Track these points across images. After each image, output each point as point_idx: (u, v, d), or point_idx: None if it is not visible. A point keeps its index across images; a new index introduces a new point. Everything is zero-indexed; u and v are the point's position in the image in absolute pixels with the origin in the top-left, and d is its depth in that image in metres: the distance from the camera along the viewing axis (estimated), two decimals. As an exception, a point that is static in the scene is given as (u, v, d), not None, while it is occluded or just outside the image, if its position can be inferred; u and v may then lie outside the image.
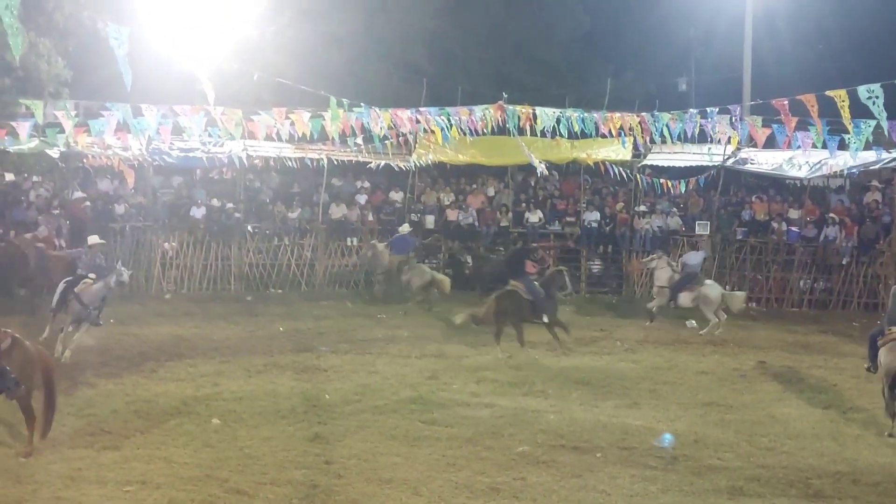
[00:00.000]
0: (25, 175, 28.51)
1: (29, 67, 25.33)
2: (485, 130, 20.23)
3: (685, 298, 20.86)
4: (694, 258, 22.15)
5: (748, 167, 26.15)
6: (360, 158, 26.64)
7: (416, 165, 27.40)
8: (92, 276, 16.36)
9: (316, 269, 26.83)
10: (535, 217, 27.76)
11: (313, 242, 26.94)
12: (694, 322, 21.37)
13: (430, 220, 28.04)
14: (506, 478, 10.42)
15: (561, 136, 20.07)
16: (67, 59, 27.11)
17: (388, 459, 10.97)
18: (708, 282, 21.35)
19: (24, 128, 19.64)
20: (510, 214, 28.02)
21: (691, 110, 18.33)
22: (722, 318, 20.57)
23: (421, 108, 19.58)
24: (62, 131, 20.23)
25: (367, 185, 29.62)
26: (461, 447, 11.49)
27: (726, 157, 25.38)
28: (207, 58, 15.93)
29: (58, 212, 25.53)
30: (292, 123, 19.52)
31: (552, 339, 18.12)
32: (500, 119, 19.38)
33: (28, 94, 22.14)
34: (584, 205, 28.20)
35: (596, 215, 27.62)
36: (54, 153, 24.83)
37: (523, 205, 28.68)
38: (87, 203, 26.35)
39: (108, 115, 18.72)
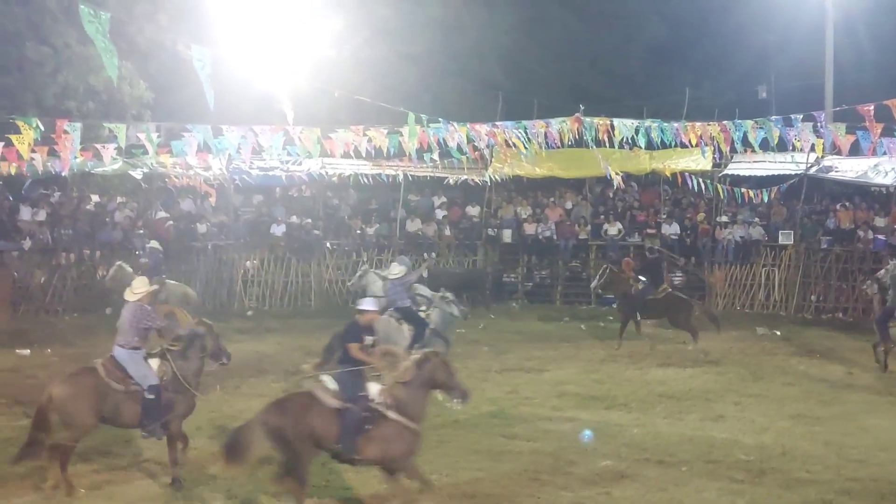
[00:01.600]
0: (109, 196, 29.18)
1: (112, 91, 26.02)
2: (561, 143, 20.11)
3: None
4: None
5: (832, 175, 25.57)
6: (437, 174, 26.74)
7: (492, 180, 27.38)
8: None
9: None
10: (613, 229, 27.53)
11: (391, 258, 27.05)
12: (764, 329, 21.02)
13: (507, 234, 27.99)
14: (590, 492, 10.34)
15: (639, 147, 19.87)
16: (149, 82, 27.79)
17: (470, 474, 10.96)
18: None
19: (108, 150, 20.10)
20: (588, 227, 27.82)
21: (774, 117, 17.99)
22: None
23: (497, 123, 19.56)
24: (145, 153, 20.67)
25: (443, 200, 29.69)
26: (544, 462, 11.43)
27: (809, 165, 24.87)
28: (286, 78, 16.14)
29: (142, 232, 26.04)
30: (370, 140, 19.67)
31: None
32: (577, 131, 19.25)
33: (111, 116, 22.69)
34: (664, 216, 27.88)
35: (676, 227, 27.28)
36: (137, 174, 25.38)
37: (602, 217, 28.46)
38: (171, 223, 26.87)
39: (189, 136, 19.08)
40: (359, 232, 27.95)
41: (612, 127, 19.01)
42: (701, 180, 25.51)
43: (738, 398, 15.03)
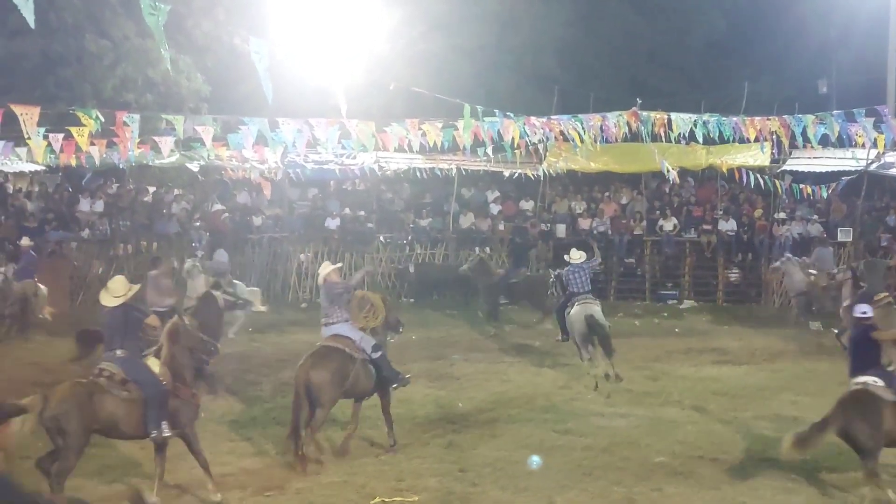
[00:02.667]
0: (167, 188, 29.55)
1: (170, 83, 26.33)
2: (618, 137, 19.95)
3: None
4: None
5: (894, 171, 25.13)
6: (491, 168, 26.69)
7: (546, 174, 27.25)
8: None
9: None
10: (669, 225, 27.28)
11: (444, 251, 27.09)
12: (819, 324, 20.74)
13: (560, 229, 27.86)
14: (643, 488, 10.27)
15: (696, 141, 19.65)
16: (206, 76, 28.07)
17: (522, 468, 10.94)
18: None
19: (166, 142, 20.29)
20: (644, 222, 27.60)
21: (835, 112, 17.67)
22: None
23: (553, 117, 19.45)
24: (202, 145, 20.86)
25: (497, 194, 29.64)
26: (596, 457, 11.37)
27: (870, 161, 24.43)
28: (341, 71, 16.19)
29: (198, 224, 26.35)
30: (424, 134, 19.64)
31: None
32: (633, 126, 19.08)
33: (169, 109, 22.91)
34: (721, 212, 27.56)
35: (733, 223, 26.96)
36: (194, 167, 25.65)
37: (657, 212, 28.23)
38: (227, 215, 27.16)
39: (245, 130, 19.19)
40: (412, 225, 28.01)
41: (670, 121, 18.82)
42: (759, 176, 25.18)
43: (794, 396, 14.78)
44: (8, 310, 19.65)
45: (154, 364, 10.00)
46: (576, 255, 16.10)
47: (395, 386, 11.72)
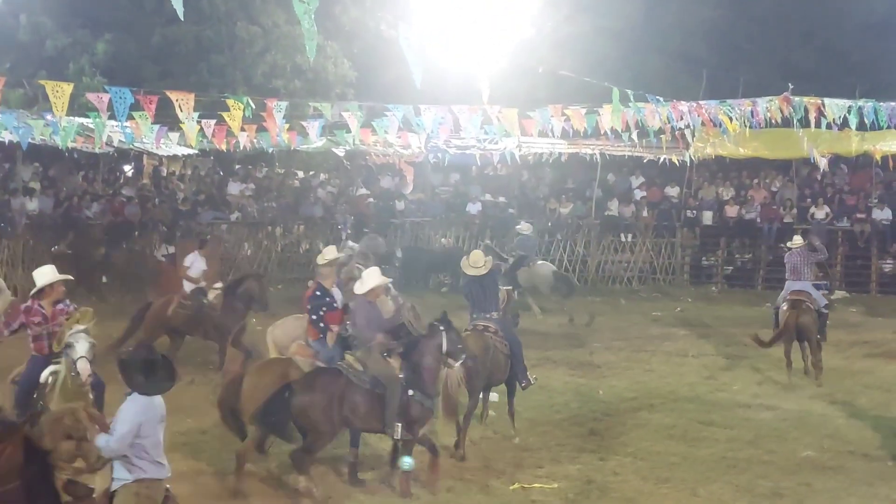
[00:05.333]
0: (313, 173, 30.17)
1: (318, 70, 26.86)
2: (769, 123, 19.37)
3: None
4: None
5: None
6: (635, 153, 26.24)
7: (693, 160, 26.62)
8: None
9: (588, 265, 26.69)
10: (821, 213, 26.29)
11: (586, 238, 26.83)
12: None
13: (707, 216, 27.22)
14: (790, 483, 9.99)
15: (849, 127, 18.92)
16: (352, 62, 28.51)
17: (664, 458, 10.77)
18: None
19: (313, 128, 20.71)
20: (794, 210, 26.70)
21: None
22: None
23: (701, 102, 19.04)
24: (349, 131, 21.22)
25: (642, 180, 29.17)
26: (742, 449, 11.11)
27: None
28: (485, 57, 16.20)
29: (343, 207, 26.82)
30: (567, 119, 19.48)
31: None
32: (785, 111, 18.51)
33: (317, 95, 23.34)
34: (875, 200, 26.43)
35: (888, 212, 25.82)
36: (340, 152, 26.08)
37: (808, 200, 27.26)
38: (371, 199, 27.53)
39: (390, 115, 19.41)
40: (553, 211, 27.82)
41: (823, 106, 18.19)
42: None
43: (955, 392, 14.11)
44: None
45: None
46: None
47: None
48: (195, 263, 15.85)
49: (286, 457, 9.86)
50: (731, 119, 18.40)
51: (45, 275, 9.44)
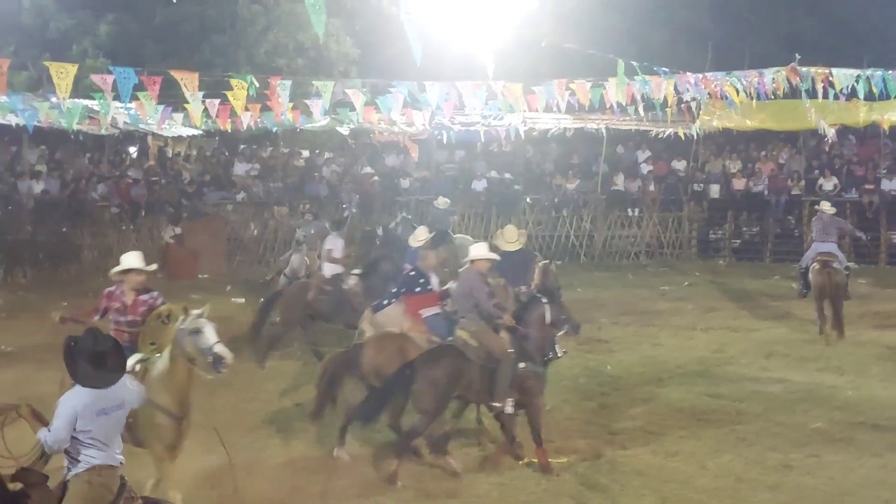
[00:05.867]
0: (318, 152, 30.10)
1: (320, 48, 26.74)
2: (775, 94, 19.24)
3: None
4: None
5: None
6: (641, 127, 26.09)
7: (699, 133, 26.47)
8: None
9: (595, 240, 26.63)
10: (829, 184, 26.16)
11: (592, 213, 26.75)
12: None
13: (714, 190, 27.12)
14: (799, 455, 9.99)
15: (857, 98, 18.78)
16: (355, 39, 28.37)
17: (673, 432, 10.77)
18: None
19: (317, 106, 20.65)
20: (802, 182, 26.58)
21: None
22: None
23: (707, 73, 18.90)
24: (352, 109, 21.13)
25: (648, 154, 29.04)
26: (751, 422, 11.11)
27: None
28: (489, 32, 16.07)
29: (348, 186, 26.77)
30: (572, 93, 19.35)
31: None
32: (792, 81, 18.36)
33: (319, 73, 23.23)
34: (884, 171, 26.28)
35: (896, 182, 25.70)
36: (344, 130, 26.00)
37: (816, 171, 27.14)
38: (376, 178, 27.47)
39: (394, 93, 19.31)
40: (559, 186, 27.74)
41: (831, 76, 18.05)
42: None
43: (964, 363, 14.08)
44: None
45: None
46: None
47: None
48: (336, 244, 15.08)
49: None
50: (737, 92, 18.25)
51: (128, 260, 9.11)
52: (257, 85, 15.59)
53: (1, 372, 11.95)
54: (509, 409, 9.73)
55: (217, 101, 17.23)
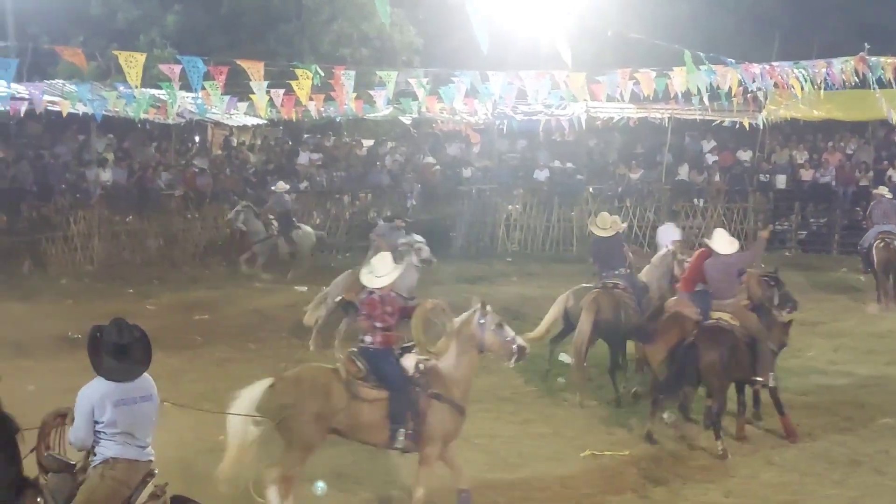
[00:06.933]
0: (381, 141, 30.24)
1: (384, 37, 26.83)
2: (844, 84, 18.88)
3: None
4: None
5: None
6: (706, 117, 25.79)
7: (765, 123, 26.09)
8: None
9: (659, 231, 26.34)
10: (899, 175, 25.68)
11: (656, 203, 26.49)
12: None
13: (781, 180, 26.73)
14: (868, 450, 9.89)
15: (930, 88, 18.39)
16: (418, 28, 28.41)
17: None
18: None
19: (380, 96, 20.75)
20: (870, 173, 26.08)
21: None
22: None
23: (774, 63, 18.61)
24: (415, 99, 21.20)
25: (713, 144, 28.70)
26: (818, 416, 11.01)
27: None
28: (559, 20, 15.89)
29: (410, 175, 26.86)
30: (636, 83, 19.19)
31: None
32: (861, 72, 18.01)
33: (383, 63, 23.31)
34: (957, 163, 25.71)
35: (969, 175, 25.12)
36: (407, 120, 26.09)
37: (885, 162, 26.61)
38: (437, 167, 27.53)
39: (457, 82, 19.30)
40: (622, 176, 27.54)
41: (902, 67, 17.67)
42: None
43: None
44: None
45: None
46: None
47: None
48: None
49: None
50: (801, 86, 17.95)
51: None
52: (322, 74, 15.67)
53: (68, 359, 12.12)
54: (772, 382, 10.31)
55: (282, 91, 17.39)
